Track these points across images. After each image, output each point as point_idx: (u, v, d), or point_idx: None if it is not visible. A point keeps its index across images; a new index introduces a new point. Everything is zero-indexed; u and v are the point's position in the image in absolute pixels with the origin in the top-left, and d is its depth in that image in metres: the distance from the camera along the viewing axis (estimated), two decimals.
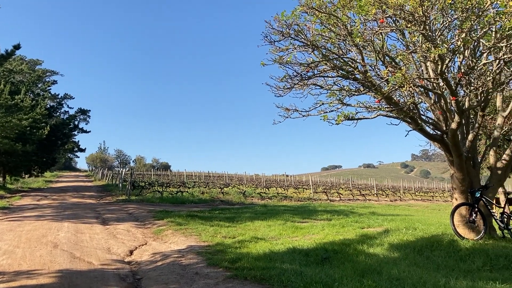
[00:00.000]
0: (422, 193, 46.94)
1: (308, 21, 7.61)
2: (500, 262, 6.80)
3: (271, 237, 9.94)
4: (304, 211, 17.49)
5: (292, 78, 8.00)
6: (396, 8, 6.04)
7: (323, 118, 7.60)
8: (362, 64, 7.58)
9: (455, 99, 7.29)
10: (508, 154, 9.18)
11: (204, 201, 22.53)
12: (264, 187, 34.64)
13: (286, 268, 6.17)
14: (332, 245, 8.24)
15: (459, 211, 8.58)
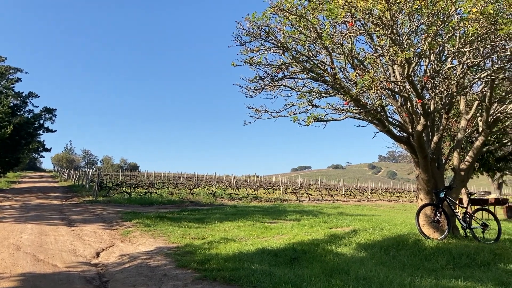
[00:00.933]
0: (388, 193, 47.91)
1: (278, 23, 7.65)
2: (463, 260, 7.03)
3: (241, 237, 9.94)
4: (274, 212, 17.56)
5: (262, 79, 8.03)
6: (365, 12, 6.15)
7: (293, 119, 7.66)
8: (331, 66, 7.68)
9: (421, 102, 7.48)
10: (471, 156, 9.49)
11: (173, 202, 22.31)
12: (234, 188, 34.60)
13: (256, 268, 6.18)
14: (301, 245, 8.31)
15: (424, 211, 8.80)
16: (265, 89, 8.21)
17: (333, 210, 20.08)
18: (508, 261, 7.09)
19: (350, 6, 6.09)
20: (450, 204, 8.84)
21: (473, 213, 9.12)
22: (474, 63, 7.60)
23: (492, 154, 19.53)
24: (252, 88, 8.15)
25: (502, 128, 11.35)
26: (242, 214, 15.61)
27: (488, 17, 5.94)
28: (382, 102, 8.73)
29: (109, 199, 21.49)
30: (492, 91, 8.90)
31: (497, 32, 6.27)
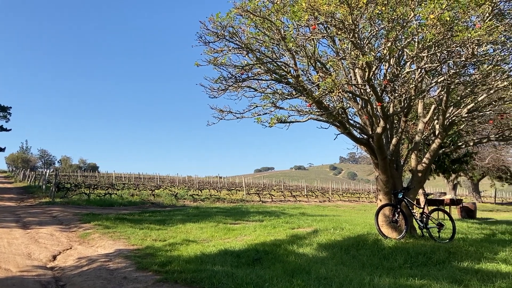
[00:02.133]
0: (349, 194, 48.79)
1: (243, 24, 7.64)
2: (419, 259, 7.25)
3: (203, 239, 9.87)
4: (237, 213, 17.55)
5: (226, 80, 8.00)
6: (328, 16, 6.24)
7: (256, 120, 7.67)
8: (294, 68, 7.75)
9: (381, 105, 7.66)
10: (428, 158, 9.81)
11: (134, 204, 21.90)
12: (197, 189, 34.33)
13: (218, 270, 6.14)
14: (263, 246, 8.34)
15: (383, 212, 9.02)
16: (229, 90, 8.20)
17: (295, 211, 20.26)
18: (461, 259, 7.37)
19: (313, 9, 6.16)
20: (408, 204, 9.10)
21: (430, 213, 9.41)
22: (431, 68, 7.86)
23: (447, 156, 20.23)
24: (216, 88, 8.11)
25: (457, 131, 11.81)
26: (205, 215, 15.51)
27: (445, 24, 6.15)
28: (343, 105, 8.89)
29: (67, 201, 20.85)
30: (448, 95, 9.23)
31: (453, 38, 6.50)
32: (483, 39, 6.43)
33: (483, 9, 6.64)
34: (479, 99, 9.14)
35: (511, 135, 10.33)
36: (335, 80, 6.77)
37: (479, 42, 6.82)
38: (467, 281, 5.90)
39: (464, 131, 12.72)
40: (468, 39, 6.39)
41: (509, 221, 18.48)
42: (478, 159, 31.01)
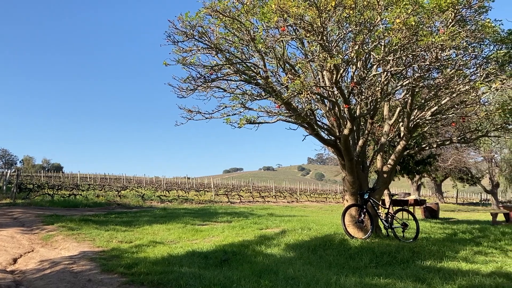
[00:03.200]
0: (316, 194, 49.33)
1: (212, 24, 7.61)
2: (384, 258, 7.40)
3: (170, 240, 9.76)
4: (205, 214, 17.44)
5: (195, 80, 7.93)
6: (297, 18, 6.29)
7: (226, 121, 7.65)
8: (264, 70, 7.77)
9: (348, 107, 7.78)
10: (393, 159, 10.03)
11: (100, 205, 21.42)
12: (165, 190, 33.93)
13: (185, 271, 6.09)
14: (231, 247, 8.32)
15: (349, 212, 9.16)
16: (198, 90, 8.13)
17: (264, 211, 20.31)
18: (424, 258, 7.57)
19: (282, 11, 6.20)
20: (373, 204, 9.27)
21: (395, 213, 9.62)
22: (397, 71, 8.05)
23: (412, 158, 20.71)
24: (185, 88, 8.03)
25: (421, 133, 12.13)
26: (172, 216, 15.34)
27: (410, 28, 6.32)
28: (311, 106, 8.98)
29: (29, 202, 20.18)
30: (413, 98, 9.47)
31: (418, 43, 6.68)
32: (446, 44, 6.64)
33: (446, 15, 6.87)
34: (442, 102, 9.42)
35: (472, 138, 10.70)
36: (304, 82, 6.84)
37: (442, 47, 7.04)
38: (430, 279, 6.06)
39: (428, 133, 13.09)
40: (432, 43, 6.58)
41: (470, 220, 19.13)
42: (441, 161, 31.90)
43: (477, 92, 9.28)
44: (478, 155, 38.14)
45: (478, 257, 8.06)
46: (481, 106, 9.76)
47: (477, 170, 43.19)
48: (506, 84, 8.60)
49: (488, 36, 7.78)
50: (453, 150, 32.29)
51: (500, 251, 8.96)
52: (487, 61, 8.41)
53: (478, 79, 8.32)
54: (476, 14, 7.87)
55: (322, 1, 5.97)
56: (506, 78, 8.11)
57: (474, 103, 9.75)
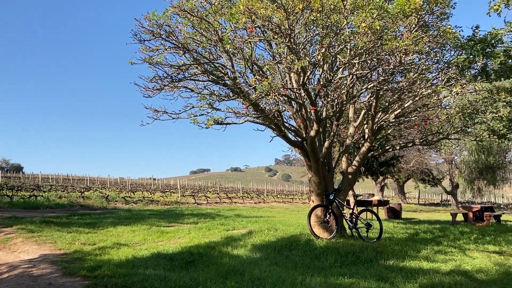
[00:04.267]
0: (283, 195, 49.63)
1: (179, 23, 7.54)
2: (349, 258, 7.52)
3: (135, 242, 9.60)
4: (171, 215, 17.24)
5: (162, 79, 7.83)
6: (265, 19, 6.31)
7: (193, 121, 7.59)
8: (232, 70, 7.76)
9: (314, 109, 7.88)
10: (357, 161, 10.22)
11: (62, 206, 20.85)
12: (130, 191, 33.35)
13: (150, 273, 6.00)
14: (197, 248, 8.26)
15: (315, 212, 9.26)
16: (164, 90, 8.03)
17: (231, 212, 20.28)
18: (387, 257, 7.74)
19: (250, 12, 6.21)
20: (338, 205, 9.41)
21: (359, 213, 9.79)
22: (362, 74, 8.21)
23: (376, 159, 21.18)
24: (151, 88, 7.92)
25: (385, 135, 12.41)
26: (137, 218, 15.09)
27: (375, 33, 6.45)
28: (279, 108, 9.03)
29: None
30: (377, 101, 9.68)
31: (383, 47, 6.83)
32: (410, 48, 6.82)
33: (410, 20, 7.05)
34: (405, 106, 9.66)
35: (434, 140, 11.03)
36: (272, 83, 6.87)
37: (406, 51, 7.23)
38: (393, 278, 6.21)
39: (391, 135, 13.41)
40: (396, 48, 6.75)
41: (431, 220, 19.71)
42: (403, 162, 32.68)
43: (439, 96, 9.60)
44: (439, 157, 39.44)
45: (438, 256, 8.32)
46: (442, 110, 10.07)
47: (438, 172, 44.55)
48: (465, 88, 8.92)
49: (449, 42, 8.04)
50: (415, 152, 33.17)
51: (459, 250, 9.27)
52: (448, 66, 8.68)
53: (440, 83, 8.59)
54: (438, 20, 8.12)
55: (290, 4, 6.01)
56: (466, 82, 8.40)
57: (436, 106, 10.06)
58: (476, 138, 10.41)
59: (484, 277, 6.68)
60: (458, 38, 7.98)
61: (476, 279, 6.50)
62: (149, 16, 7.18)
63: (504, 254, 9.06)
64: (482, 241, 10.69)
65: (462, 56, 8.11)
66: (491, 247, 9.77)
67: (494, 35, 7.71)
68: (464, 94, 9.89)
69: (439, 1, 7.17)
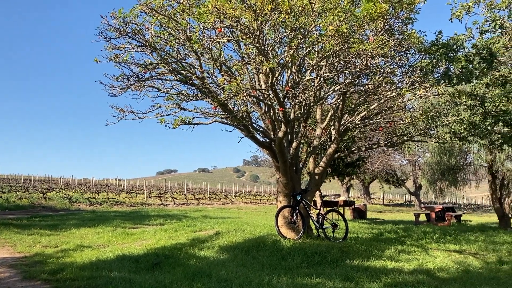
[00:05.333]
0: (251, 196, 49.70)
1: (147, 22, 7.42)
2: (315, 258, 7.59)
3: (99, 244, 9.39)
4: (136, 217, 16.96)
5: (128, 78, 7.68)
6: (233, 20, 6.30)
7: (160, 121, 7.49)
8: (200, 70, 7.70)
9: (283, 110, 7.92)
10: (324, 162, 10.33)
11: (23, 208, 20.16)
12: (94, 192, 32.62)
13: (114, 276, 5.88)
14: (163, 250, 8.15)
15: (282, 213, 9.30)
16: (130, 89, 7.88)
17: (198, 214, 20.14)
18: (353, 257, 7.86)
19: (219, 12, 6.18)
20: (305, 206, 9.49)
21: (325, 214, 9.90)
22: (329, 77, 8.31)
23: (342, 160, 21.43)
24: (117, 86, 7.75)
25: (351, 137, 12.60)
26: (102, 219, 14.76)
27: (343, 35, 6.54)
28: (247, 109, 9.02)
29: None
30: (344, 103, 9.81)
31: (349, 50, 6.94)
32: (375, 52, 6.95)
33: (376, 24, 7.18)
34: (371, 108, 9.84)
35: (398, 142, 11.28)
36: (240, 84, 6.86)
37: (372, 55, 7.36)
38: (358, 278, 6.31)
39: (357, 137, 13.61)
40: (362, 51, 6.86)
41: (395, 221, 20.18)
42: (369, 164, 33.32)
43: (403, 98, 9.82)
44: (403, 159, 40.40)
45: (402, 255, 8.51)
46: (407, 112, 10.31)
47: (402, 173, 45.66)
48: (429, 91, 9.17)
49: (414, 46, 8.24)
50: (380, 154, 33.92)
51: (422, 249, 9.52)
52: (412, 69, 8.89)
53: (404, 87, 8.79)
54: (403, 24, 8.30)
55: (259, 5, 6.02)
56: (429, 86, 8.63)
57: (400, 109, 10.29)
58: (439, 140, 10.71)
59: (445, 276, 6.88)
60: (422, 43, 8.18)
61: (438, 278, 6.69)
62: (116, 14, 7.03)
63: (464, 253, 9.37)
64: (444, 240, 11.03)
65: (426, 60, 8.32)
66: (452, 246, 10.09)
67: (456, 40, 7.95)
68: (428, 97, 10.17)
69: (404, 6, 7.33)
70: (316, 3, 6.30)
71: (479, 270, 7.46)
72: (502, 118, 8.75)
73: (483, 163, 18.73)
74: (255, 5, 6.03)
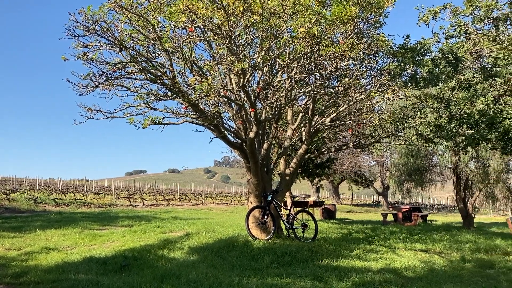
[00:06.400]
0: (222, 197, 49.55)
1: (117, 20, 7.29)
2: (285, 258, 7.63)
3: (66, 246, 9.16)
4: (105, 218, 16.63)
5: (97, 77, 7.53)
6: (205, 20, 6.27)
7: (129, 121, 7.37)
8: (170, 70, 7.62)
9: (254, 110, 7.93)
10: (295, 162, 10.41)
11: None
12: (61, 193, 31.82)
13: (81, 278, 5.75)
14: (132, 252, 8.03)
15: (253, 214, 9.32)
16: (99, 88, 7.72)
17: (168, 215, 19.93)
18: (322, 257, 7.95)
19: (190, 12, 6.13)
20: (276, 206, 9.53)
21: (296, 214, 9.97)
22: (300, 78, 8.38)
23: (312, 161, 21.62)
24: (85, 85, 7.59)
25: (321, 138, 12.74)
26: (68, 221, 14.41)
27: (313, 38, 6.61)
28: (219, 109, 9.00)
29: None
30: (314, 105, 9.91)
31: (320, 52, 7.01)
32: (345, 54, 7.05)
33: (346, 27, 7.28)
34: (340, 110, 9.98)
35: (367, 143, 11.48)
36: (211, 84, 6.83)
37: (342, 57, 7.46)
38: (327, 277, 6.38)
39: (327, 138, 13.78)
40: (333, 53, 6.95)
41: (363, 221, 20.53)
42: (338, 164, 33.73)
43: (372, 101, 9.99)
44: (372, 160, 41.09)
45: (370, 255, 8.66)
46: (375, 114, 10.50)
47: (370, 174, 46.46)
48: (397, 94, 9.36)
49: (382, 49, 8.40)
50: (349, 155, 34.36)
51: (389, 249, 9.71)
52: (381, 72, 9.06)
53: (373, 89, 8.95)
54: (372, 28, 8.45)
55: (230, 5, 6.01)
56: (397, 89, 8.82)
57: (369, 111, 10.47)
58: (406, 142, 10.96)
59: (412, 274, 7.04)
60: (390, 46, 8.35)
61: (404, 276, 6.84)
62: (84, 11, 6.88)
63: (430, 252, 9.61)
64: (410, 240, 11.28)
65: (394, 63, 8.51)
66: (418, 246, 10.33)
67: (423, 44, 8.16)
68: (395, 100, 10.38)
69: (374, 10, 7.46)
70: (287, 5, 6.34)
71: (443, 269, 7.66)
72: (466, 120, 9.02)
73: (448, 165, 19.29)
74: (226, 6, 6.02)
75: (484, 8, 7.84)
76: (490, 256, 9.20)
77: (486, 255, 9.25)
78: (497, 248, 9.86)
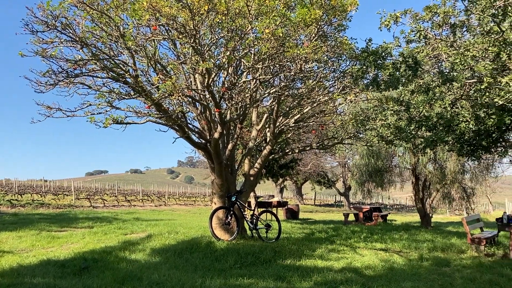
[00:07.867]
0: (185, 198, 49.10)
1: (78, 16, 7.10)
2: (249, 259, 7.65)
3: (22, 249, 8.83)
4: (63, 219, 16.15)
5: (56, 74, 7.30)
6: (169, 18, 6.20)
7: (90, 120, 7.19)
8: (133, 68, 7.49)
9: (219, 111, 7.91)
10: (259, 163, 10.45)
11: None
12: (17, 194, 30.66)
13: (38, 282, 5.56)
14: (92, 254, 7.84)
15: (217, 214, 9.28)
16: (59, 85, 7.49)
17: (129, 216, 19.56)
18: (285, 257, 8.01)
19: (154, 10, 6.06)
20: (240, 207, 9.54)
21: (259, 215, 10.01)
22: (265, 79, 8.42)
23: (276, 162, 21.76)
24: (44, 83, 7.34)
25: (285, 139, 12.85)
26: (25, 222, 13.89)
27: (278, 39, 6.66)
28: (183, 109, 8.92)
29: None
30: (279, 106, 9.99)
31: (285, 54, 7.07)
32: (309, 56, 7.14)
33: (310, 30, 7.37)
34: (304, 111, 10.10)
35: (329, 144, 11.67)
36: (175, 83, 6.77)
37: (306, 59, 7.56)
38: (290, 277, 6.44)
39: (291, 139, 13.93)
40: (297, 55, 7.02)
41: (326, 221, 20.84)
42: (302, 165, 34.06)
43: (335, 103, 10.17)
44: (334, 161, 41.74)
45: (332, 254, 8.80)
46: (338, 116, 10.69)
47: (332, 174, 47.20)
48: (358, 96, 9.55)
49: (345, 52, 8.54)
50: (312, 156, 34.80)
51: (350, 248, 9.90)
52: (344, 75, 9.23)
53: (336, 91, 9.11)
54: (336, 31, 8.59)
55: (195, 4, 5.97)
56: (359, 91, 9.00)
57: (332, 112, 10.65)
58: (367, 143, 11.20)
59: (372, 273, 7.20)
60: (353, 49, 8.51)
61: (365, 275, 6.99)
62: (43, 6, 6.65)
63: (389, 251, 9.87)
64: (371, 239, 11.55)
65: (356, 66, 8.68)
66: (378, 245, 10.59)
67: (384, 48, 8.36)
68: (357, 102, 10.58)
69: (337, 13, 7.58)
70: (252, 6, 6.36)
71: (402, 267, 7.88)
72: (425, 123, 9.30)
73: (408, 166, 19.84)
74: (191, 5, 5.98)
75: (442, 14, 8.11)
76: (446, 254, 9.54)
77: (442, 254, 9.59)
78: (452, 247, 10.23)
